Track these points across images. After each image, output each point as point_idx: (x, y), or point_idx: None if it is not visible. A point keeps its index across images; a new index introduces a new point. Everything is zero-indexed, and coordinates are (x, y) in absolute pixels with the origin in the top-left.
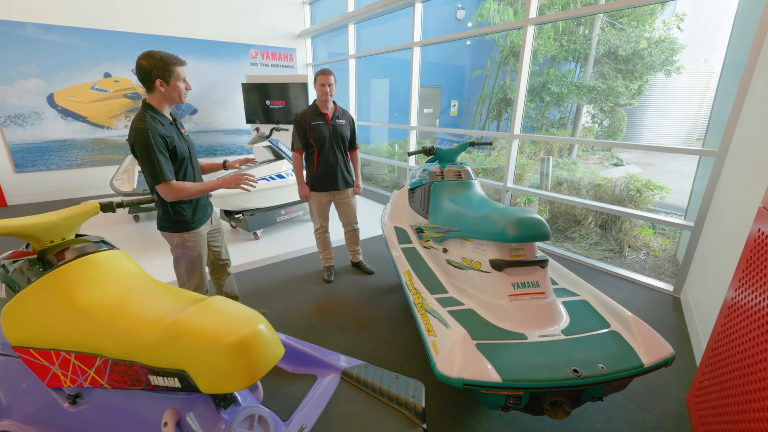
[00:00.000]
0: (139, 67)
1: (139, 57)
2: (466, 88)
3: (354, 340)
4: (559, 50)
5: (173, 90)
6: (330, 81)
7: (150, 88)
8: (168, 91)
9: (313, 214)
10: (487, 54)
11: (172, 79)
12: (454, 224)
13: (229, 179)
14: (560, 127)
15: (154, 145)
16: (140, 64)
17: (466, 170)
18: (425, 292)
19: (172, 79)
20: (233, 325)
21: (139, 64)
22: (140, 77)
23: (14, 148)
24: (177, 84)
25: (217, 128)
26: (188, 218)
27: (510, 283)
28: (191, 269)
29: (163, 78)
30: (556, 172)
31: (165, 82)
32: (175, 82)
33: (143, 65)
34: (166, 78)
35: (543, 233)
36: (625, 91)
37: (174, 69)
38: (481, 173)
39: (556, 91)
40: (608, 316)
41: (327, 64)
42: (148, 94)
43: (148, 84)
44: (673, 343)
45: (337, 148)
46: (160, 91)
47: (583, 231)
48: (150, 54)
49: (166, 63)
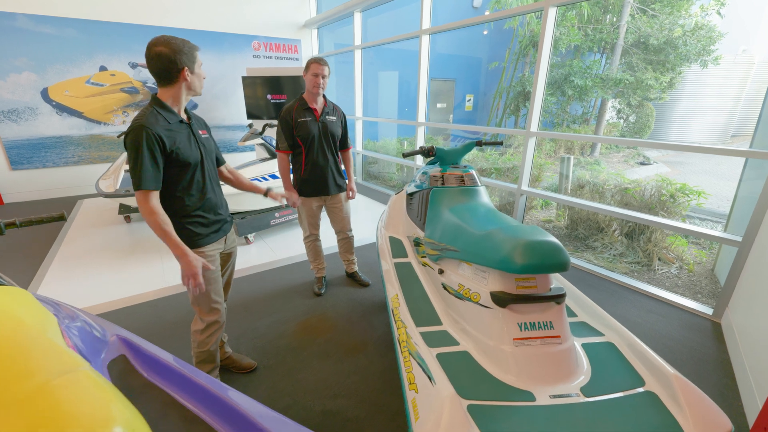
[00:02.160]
0: (158, 57)
1: (154, 45)
2: (483, 81)
3: (335, 371)
4: (584, 40)
5: (197, 79)
6: (325, 72)
7: (170, 80)
8: (193, 80)
9: (302, 221)
10: (505, 45)
11: (195, 66)
12: (451, 241)
13: (189, 266)
14: (583, 123)
15: (145, 146)
16: (160, 53)
17: (471, 175)
18: (412, 327)
19: (196, 66)
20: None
21: (157, 53)
22: (159, 68)
23: (9, 145)
24: (200, 72)
25: (218, 124)
26: (197, 230)
27: (516, 323)
28: (198, 294)
29: (190, 66)
30: (577, 172)
31: (191, 71)
32: (198, 70)
33: (164, 53)
34: (191, 65)
35: (559, 263)
36: (655, 84)
37: (196, 54)
38: (494, 173)
39: (580, 83)
40: (642, 370)
41: (332, 56)
42: (162, 88)
43: (169, 75)
44: (713, 383)
45: (327, 147)
46: (183, 82)
47: (606, 240)
48: (168, 40)
49: (192, 48)
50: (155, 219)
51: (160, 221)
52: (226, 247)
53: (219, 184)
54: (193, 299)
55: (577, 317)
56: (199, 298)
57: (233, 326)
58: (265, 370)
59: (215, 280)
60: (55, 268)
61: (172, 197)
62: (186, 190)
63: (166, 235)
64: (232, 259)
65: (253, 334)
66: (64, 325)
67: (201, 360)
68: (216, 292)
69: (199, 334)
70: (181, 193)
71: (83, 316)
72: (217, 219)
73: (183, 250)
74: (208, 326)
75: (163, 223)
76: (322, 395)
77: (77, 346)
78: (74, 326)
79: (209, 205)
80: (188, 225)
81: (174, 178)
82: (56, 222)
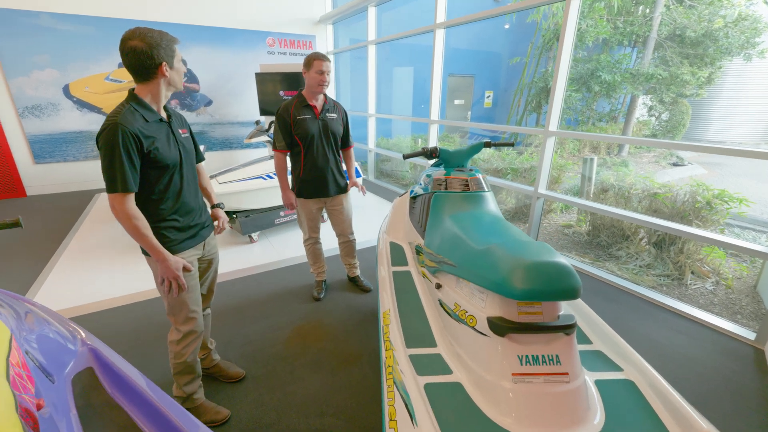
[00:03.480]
0: (132, 51)
1: (128, 38)
2: (503, 77)
3: (326, 385)
4: (613, 33)
5: (177, 74)
6: (329, 68)
7: (148, 76)
8: (172, 76)
9: (301, 223)
10: (528, 39)
11: (174, 60)
12: (448, 254)
13: (169, 270)
14: (610, 121)
15: (121, 145)
16: (134, 47)
17: (477, 179)
18: (401, 350)
19: (175, 61)
20: None
21: (132, 47)
22: (135, 63)
23: (32, 139)
24: (180, 65)
25: (232, 120)
26: (171, 236)
27: (516, 356)
28: (174, 302)
29: (168, 60)
30: (602, 173)
31: (170, 66)
32: (177, 64)
33: (139, 48)
34: (170, 60)
35: (568, 290)
36: (692, 80)
37: (175, 48)
38: (510, 174)
39: (608, 79)
40: (668, 418)
41: (346, 51)
42: (139, 84)
43: (146, 71)
44: (753, 423)
45: (328, 147)
46: (162, 78)
47: (632, 249)
48: (143, 33)
49: (170, 41)
50: (133, 223)
51: (140, 225)
52: (205, 254)
53: (197, 186)
54: (169, 309)
55: (592, 345)
56: (174, 306)
57: (224, 331)
58: (252, 381)
59: (192, 288)
60: (63, 262)
61: (147, 200)
62: (162, 194)
63: (144, 240)
64: (213, 266)
65: (244, 340)
66: (23, 339)
67: (178, 371)
68: (193, 300)
69: (176, 345)
70: (156, 197)
71: (55, 325)
72: (193, 224)
73: (163, 254)
74: (184, 336)
75: (143, 227)
76: (310, 413)
77: (37, 360)
78: (41, 337)
79: (185, 210)
80: (162, 230)
81: (150, 180)
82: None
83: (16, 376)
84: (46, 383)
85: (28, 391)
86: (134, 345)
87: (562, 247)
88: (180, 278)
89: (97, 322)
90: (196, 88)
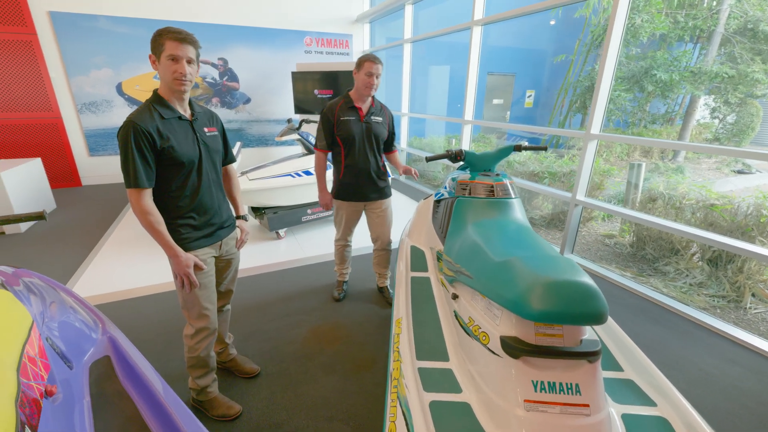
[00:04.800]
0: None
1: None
2: (546, 75)
3: (338, 388)
4: (672, 27)
5: (161, 68)
6: (380, 71)
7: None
8: (159, 70)
9: (338, 223)
10: (575, 36)
11: (162, 55)
12: (466, 264)
13: (180, 266)
14: (665, 123)
15: (133, 142)
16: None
17: (504, 185)
18: (408, 362)
19: (162, 56)
20: None
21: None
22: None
23: (89, 133)
24: (165, 61)
25: (268, 118)
26: (185, 233)
27: (530, 380)
28: (188, 297)
29: (155, 53)
30: (652, 180)
31: (157, 59)
32: (163, 59)
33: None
34: (157, 54)
35: (592, 314)
36: (765, 78)
37: (163, 42)
38: (548, 178)
39: (664, 78)
40: None
41: (382, 50)
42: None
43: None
44: None
45: (370, 150)
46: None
47: (681, 264)
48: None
49: (160, 34)
50: (147, 218)
51: (153, 221)
52: (223, 254)
53: (220, 185)
54: (183, 304)
55: (623, 373)
56: (188, 302)
57: (246, 325)
58: (266, 378)
59: (205, 286)
60: (105, 250)
61: (165, 196)
62: (179, 191)
63: (158, 235)
64: (232, 266)
65: (263, 336)
66: (45, 326)
67: (192, 365)
68: (206, 298)
69: (190, 339)
70: (174, 193)
71: (81, 312)
72: (210, 223)
73: (175, 251)
74: (197, 332)
75: (157, 222)
76: (318, 415)
77: (57, 347)
78: (65, 324)
79: (202, 208)
80: (178, 227)
81: (167, 177)
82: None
83: (29, 363)
84: (64, 369)
85: (39, 378)
86: (161, 333)
87: (601, 258)
88: (191, 275)
89: (129, 309)
90: (236, 87)
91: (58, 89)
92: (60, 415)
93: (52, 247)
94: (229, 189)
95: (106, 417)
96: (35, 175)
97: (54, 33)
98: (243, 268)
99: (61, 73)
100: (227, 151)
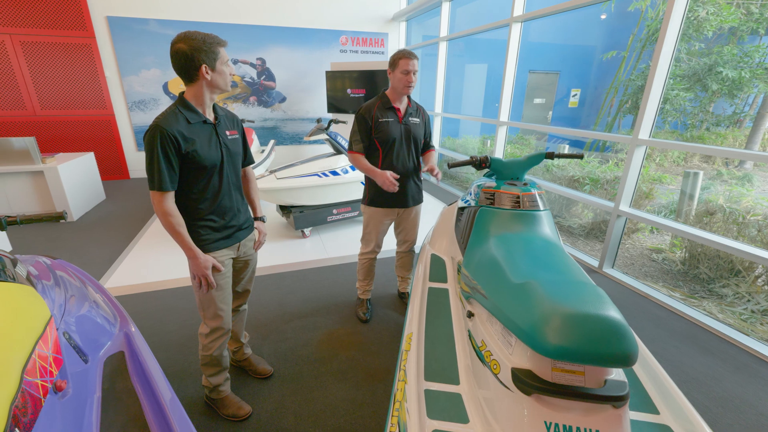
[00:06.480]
0: (176, 54)
1: (175, 42)
2: (594, 74)
3: (348, 398)
4: (744, 20)
5: (219, 76)
6: (416, 66)
7: (191, 78)
8: (214, 78)
9: (368, 234)
10: (628, 31)
11: (217, 62)
12: (483, 282)
13: (199, 267)
14: (732, 126)
15: (159, 146)
16: (178, 50)
17: (532, 196)
18: (414, 383)
19: (218, 63)
20: None
21: (176, 50)
22: (179, 65)
23: (137, 130)
24: (223, 69)
25: (302, 116)
26: (205, 234)
27: (542, 422)
28: (204, 298)
29: (209, 63)
30: (712, 190)
31: (211, 68)
32: (221, 67)
33: (182, 50)
34: (211, 62)
35: (618, 355)
36: None
37: (219, 50)
38: (589, 185)
39: (731, 75)
40: None
41: (417, 48)
42: (186, 86)
43: (189, 73)
44: None
45: (408, 154)
46: (204, 80)
47: (742, 288)
48: (188, 36)
49: (210, 44)
50: (168, 220)
51: (174, 223)
52: (241, 255)
53: (239, 187)
54: (199, 303)
55: (659, 417)
56: (204, 302)
57: (264, 324)
58: (278, 380)
59: (221, 287)
60: (143, 241)
61: (186, 199)
62: (201, 194)
63: (179, 237)
64: (250, 266)
65: (280, 337)
66: (63, 321)
67: (204, 363)
68: (222, 299)
69: (204, 338)
70: (195, 196)
71: (102, 306)
72: (230, 225)
73: (194, 252)
74: (212, 331)
75: (177, 224)
76: (327, 424)
77: (74, 341)
78: (84, 318)
79: (222, 210)
80: (198, 228)
81: (189, 180)
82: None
83: (39, 359)
84: (79, 363)
85: (48, 374)
86: (185, 325)
87: (646, 275)
88: (209, 276)
89: (157, 300)
90: (272, 86)
91: (112, 88)
92: (66, 410)
93: (98, 235)
94: (247, 190)
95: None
96: (88, 168)
97: (110, 36)
98: (266, 266)
99: (115, 74)
100: (246, 153)
